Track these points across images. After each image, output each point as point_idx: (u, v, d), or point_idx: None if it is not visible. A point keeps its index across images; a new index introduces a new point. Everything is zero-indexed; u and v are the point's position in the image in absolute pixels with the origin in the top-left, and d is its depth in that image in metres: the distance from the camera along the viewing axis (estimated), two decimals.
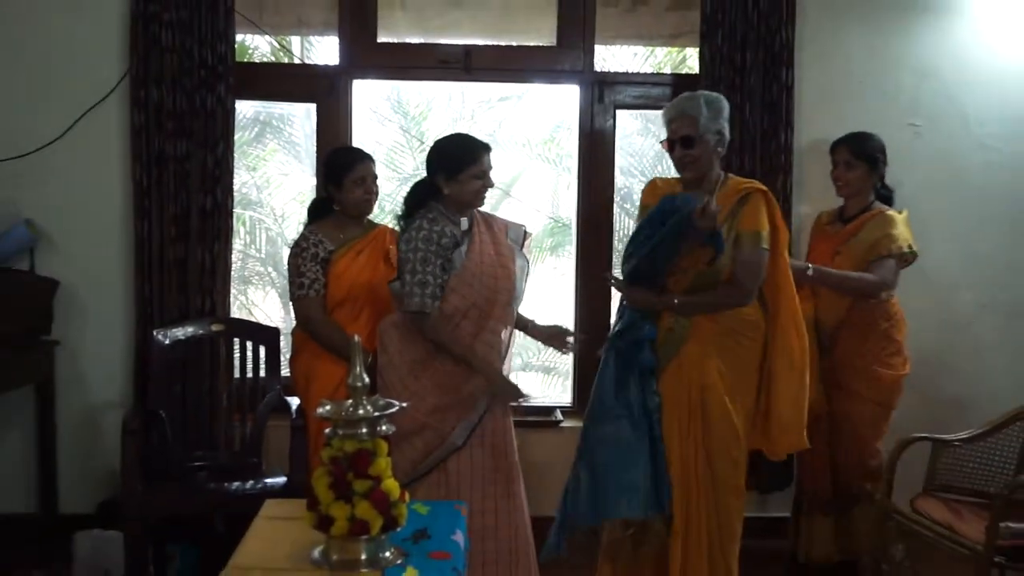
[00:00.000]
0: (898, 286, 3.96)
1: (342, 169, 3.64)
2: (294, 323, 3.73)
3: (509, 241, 3.48)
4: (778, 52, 4.24)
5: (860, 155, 3.90)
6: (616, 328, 3.37)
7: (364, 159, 3.71)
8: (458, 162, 3.33)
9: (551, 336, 3.59)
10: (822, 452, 3.89)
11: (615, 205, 4.67)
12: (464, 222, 3.41)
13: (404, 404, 2.55)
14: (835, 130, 4.10)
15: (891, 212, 3.90)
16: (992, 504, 3.33)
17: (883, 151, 3.95)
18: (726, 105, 3.36)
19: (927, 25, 4.40)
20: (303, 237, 3.66)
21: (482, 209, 3.52)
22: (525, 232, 3.58)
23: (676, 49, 5.68)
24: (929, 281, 4.45)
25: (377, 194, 3.75)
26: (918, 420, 4.03)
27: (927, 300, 4.47)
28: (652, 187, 3.53)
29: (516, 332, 3.56)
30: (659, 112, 4.33)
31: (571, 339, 3.59)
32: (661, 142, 3.40)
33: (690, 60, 5.69)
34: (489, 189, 3.42)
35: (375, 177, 3.73)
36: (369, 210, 3.75)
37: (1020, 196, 4.49)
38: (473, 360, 3.29)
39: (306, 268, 3.58)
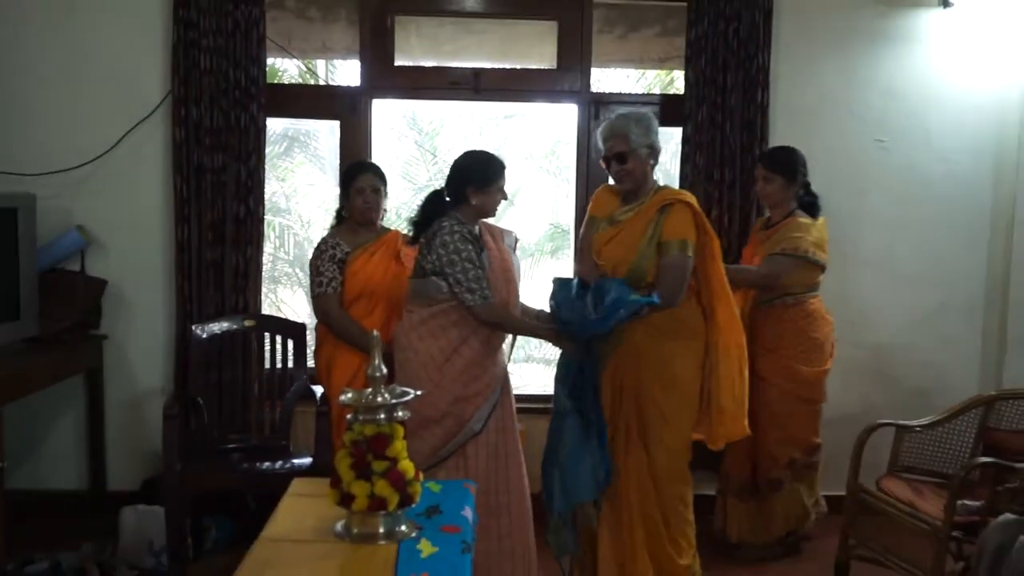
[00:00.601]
0: (866, 287, 3.98)
1: (347, 180, 3.74)
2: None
3: (505, 246, 3.48)
4: (755, 74, 4.24)
5: (774, 168, 3.91)
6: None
7: (366, 171, 3.74)
8: (489, 175, 3.31)
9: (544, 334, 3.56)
10: (744, 441, 3.70)
11: None
12: (476, 228, 3.38)
13: (419, 392, 2.56)
14: (807, 145, 4.09)
15: (804, 219, 3.90)
16: (950, 484, 3.34)
17: (802, 163, 3.94)
18: (654, 122, 3.37)
19: (893, 51, 4.40)
20: (323, 241, 3.72)
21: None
22: (516, 239, 3.58)
23: (665, 72, 5.68)
24: (895, 281, 4.47)
25: (378, 204, 3.72)
26: (884, 407, 4.04)
27: (893, 298, 4.48)
28: (596, 200, 3.52)
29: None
30: None
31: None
32: (599, 159, 3.42)
33: (677, 82, 5.70)
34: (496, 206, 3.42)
35: (376, 188, 3.71)
36: (369, 217, 3.72)
37: (976, 203, 4.50)
38: (529, 330, 3.40)
39: (324, 268, 3.63)
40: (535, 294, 3.81)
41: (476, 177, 3.30)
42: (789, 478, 3.94)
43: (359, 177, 3.69)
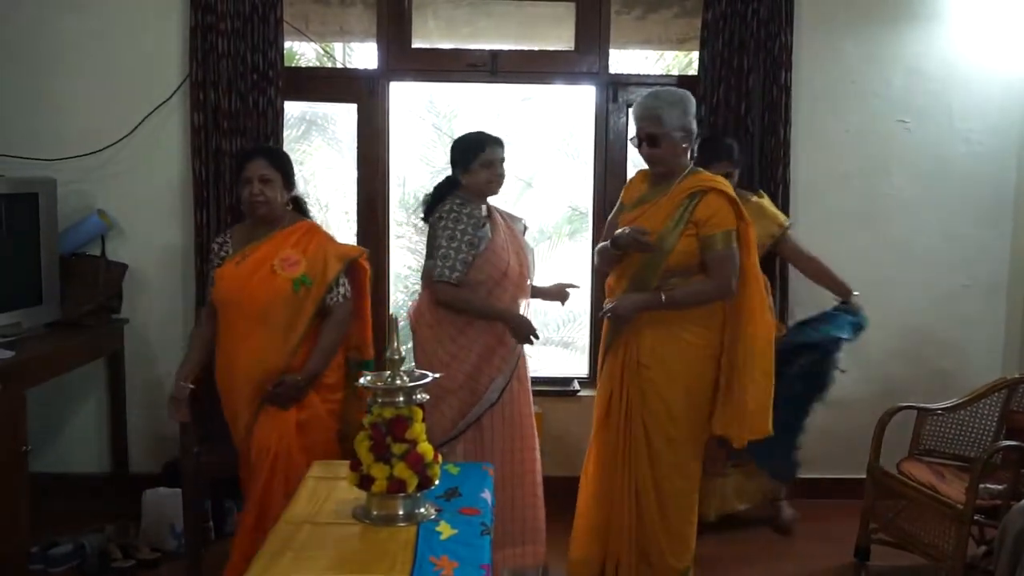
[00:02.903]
0: (889, 268, 3.97)
1: (236, 168, 3.44)
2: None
3: (516, 228, 3.60)
4: (778, 55, 4.19)
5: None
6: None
7: (253, 157, 3.33)
8: (467, 154, 3.44)
9: (557, 293, 3.68)
10: None
11: None
12: (484, 208, 3.49)
13: (438, 375, 2.58)
14: (829, 126, 4.07)
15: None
16: (972, 467, 3.32)
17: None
18: (691, 102, 3.24)
19: (915, 30, 4.34)
20: (214, 240, 3.49)
21: (491, 202, 3.57)
22: (524, 226, 3.69)
23: (683, 53, 5.63)
24: (917, 262, 4.44)
25: (269, 195, 3.26)
26: (906, 389, 4.01)
27: (915, 279, 4.45)
28: (628, 186, 3.44)
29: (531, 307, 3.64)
30: None
31: (570, 289, 3.71)
32: (631, 139, 3.31)
33: (696, 63, 5.65)
34: (502, 178, 3.48)
35: (266, 177, 3.27)
36: (256, 212, 3.29)
37: (999, 184, 4.45)
38: (491, 311, 3.37)
39: (210, 272, 3.39)
40: (553, 277, 3.82)
41: (458, 158, 3.48)
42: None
43: (246, 165, 3.29)
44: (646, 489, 3.26)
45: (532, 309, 3.56)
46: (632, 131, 3.30)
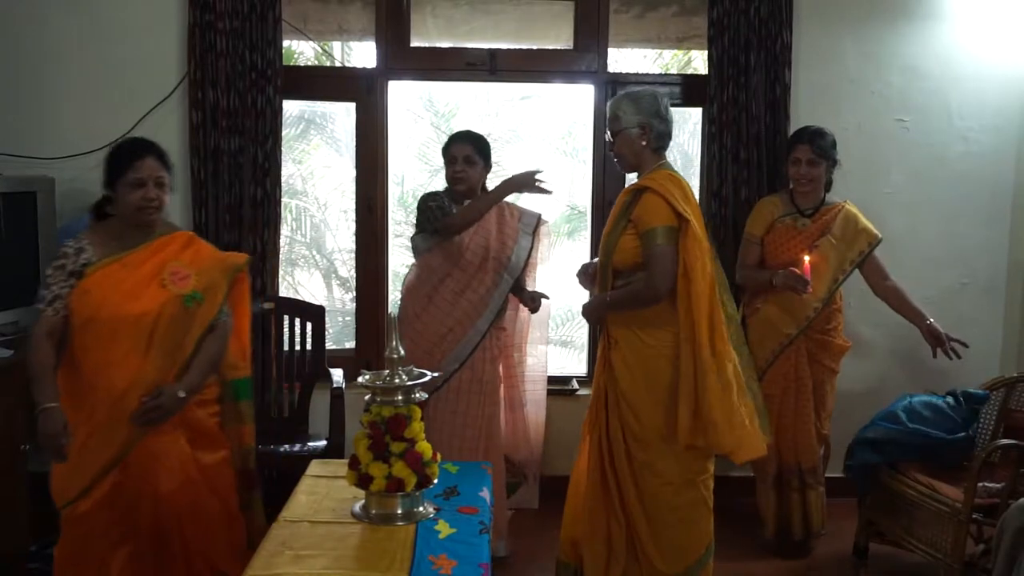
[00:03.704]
0: (886, 266, 3.97)
1: (118, 166, 2.88)
2: (336, 302, 3.74)
3: (519, 224, 3.77)
4: (779, 53, 4.20)
5: (823, 152, 3.81)
6: None
7: (144, 153, 2.89)
8: (443, 154, 3.75)
9: (531, 299, 3.78)
10: (797, 430, 3.90)
11: None
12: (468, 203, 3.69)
13: (435, 374, 2.58)
14: (828, 124, 4.05)
15: (851, 205, 3.92)
16: (971, 466, 3.32)
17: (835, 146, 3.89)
18: (650, 99, 3.14)
19: (914, 29, 4.35)
20: (65, 244, 2.86)
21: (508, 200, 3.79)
22: (539, 219, 3.84)
23: (682, 51, 5.63)
24: (915, 261, 4.44)
25: (162, 199, 2.89)
26: (905, 387, 4.00)
27: (914, 278, 4.44)
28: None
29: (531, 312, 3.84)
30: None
31: (544, 299, 3.80)
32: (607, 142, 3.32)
33: (695, 62, 5.65)
34: (463, 174, 3.66)
35: (160, 180, 2.88)
36: (148, 218, 2.87)
37: (997, 183, 4.47)
38: (485, 204, 3.62)
39: (53, 280, 2.77)
40: (552, 276, 3.83)
41: (442, 154, 3.77)
42: (828, 447, 4.02)
43: (136, 164, 2.83)
44: (627, 486, 3.17)
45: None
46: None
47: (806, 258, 3.72)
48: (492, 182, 3.76)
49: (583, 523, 3.26)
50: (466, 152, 3.67)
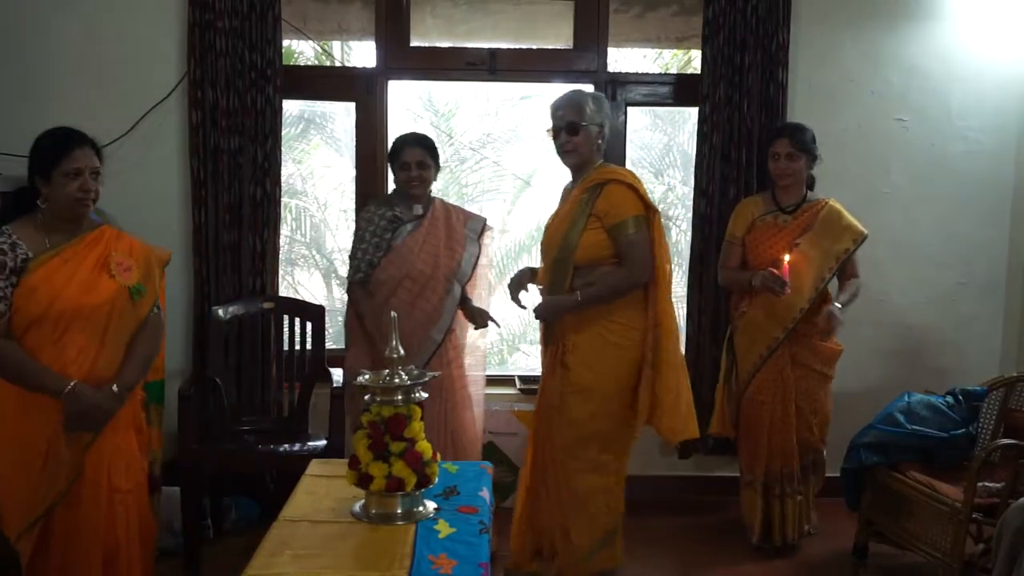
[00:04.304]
0: (886, 266, 3.97)
1: (52, 157, 2.74)
2: (336, 302, 3.74)
3: (466, 230, 3.76)
4: (775, 53, 4.20)
5: (803, 146, 3.74)
6: None
7: (77, 144, 2.74)
8: (390, 157, 3.74)
9: (475, 315, 3.77)
10: (783, 433, 3.81)
11: None
12: (418, 208, 3.71)
13: (436, 373, 2.59)
14: (826, 124, 4.07)
15: (835, 201, 3.82)
16: (970, 465, 3.32)
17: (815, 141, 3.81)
18: (607, 104, 3.34)
19: (913, 28, 4.35)
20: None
21: (448, 201, 3.87)
22: (484, 225, 3.84)
23: (682, 51, 5.63)
24: (915, 260, 4.45)
25: (96, 190, 2.74)
26: (904, 387, 3.99)
27: (913, 277, 4.46)
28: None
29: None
30: (668, 109, 4.33)
31: (491, 321, 3.79)
32: (547, 130, 3.32)
33: (695, 61, 5.62)
34: (418, 179, 3.65)
35: (96, 169, 2.75)
36: (82, 210, 2.74)
37: (996, 182, 4.46)
38: (372, 325, 3.59)
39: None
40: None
41: (388, 159, 3.77)
42: (821, 457, 3.93)
43: (71, 154, 2.69)
44: (557, 485, 3.29)
45: (532, 306, 3.63)
46: (549, 123, 3.32)
47: (785, 258, 3.65)
48: (491, 179, 3.75)
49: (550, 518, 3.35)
50: (419, 157, 3.66)
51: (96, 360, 2.65)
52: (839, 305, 3.72)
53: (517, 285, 3.43)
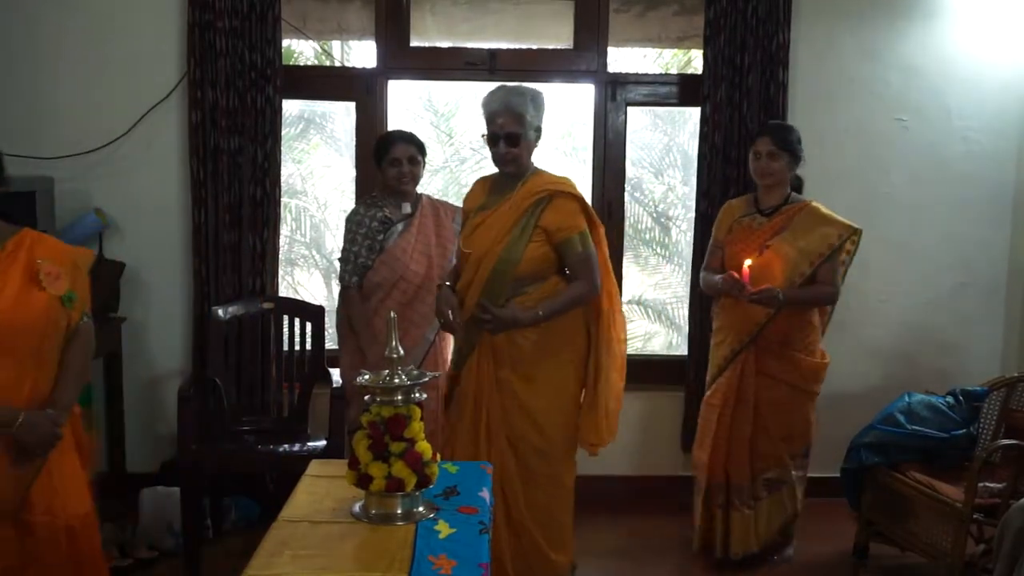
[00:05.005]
0: (887, 266, 3.95)
1: None
2: (335, 302, 3.72)
3: (454, 225, 3.72)
4: (775, 53, 4.19)
5: (784, 145, 3.57)
6: None
7: None
8: (378, 153, 3.71)
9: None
10: (743, 446, 3.66)
11: (626, 194, 4.64)
12: (407, 207, 3.68)
13: (436, 374, 2.58)
14: (826, 124, 4.07)
15: (819, 204, 3.63)
16: (971, 466, 3.32)
17: (800, 142, 3.64)
18: (543, 99, 3.18)
19: (913, 28, 4.34)
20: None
21: (434, 196, 3.85)
22: None
23: (682, 51, 5.61)
24: (915, 261, 4.45)
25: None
26: (905, 388, 4.00)
27: (914, 278, 4.45)
28: (469, 196, 3.40)
29: None
30: (668, 109, 4.32)
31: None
32: (482, 135, 3.17)
33: (695, 61, 5.62)
34: (408, 175, 3.65)
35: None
36: None
37: (997, 183, 4.46)
38: (359, 330, 3.58)
39: None
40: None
41: (374, 156, 3.74)
42: (790, 476, 3.71)
43: None
44: (517, 505, 3.19)
45: None
46: (484, 127, 3.18)
47: (747, 262, 3.46)
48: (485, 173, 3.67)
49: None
50: (410, 153, 3.67)
51: (36, 382, 2.40)
52: (783, 294, 3.45)
53: (452, 307, 3.17)
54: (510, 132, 3.09)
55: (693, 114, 4.33)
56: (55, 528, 2.42)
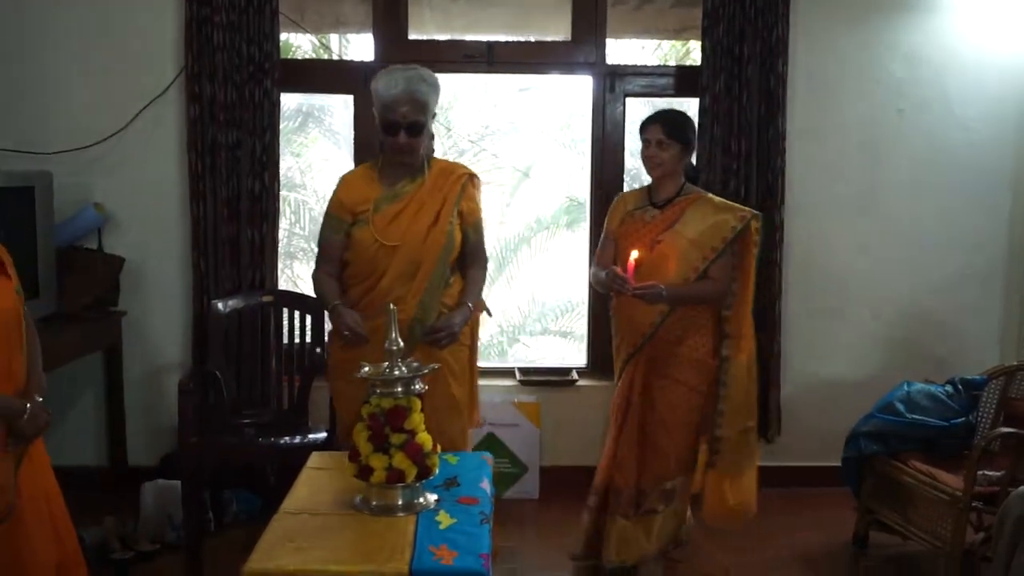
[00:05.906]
0: (886, 255, 3.95)
1: None
2: None
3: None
4: (774, 44, 4.19)
5: (674, 134, 3.29)
6: None
7: None
8: (383, 118, 3.41)
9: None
10: (634, 453, 3.37)
11: (625, 185, 4.63)
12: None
13: (436, 366, 2.58)
14: (826, 114, 4.06)
15: (713, 195, 3.41)
16: (970, 454, 3.32)
17: (695, 132, 3.41)
18: (438, 81, 3.08)
19: (912, 18, 4.34)
20: None
21: None
22: None
23: (680, 42, 5.63)
24: (914, 249, 4.45)
25: None
26: (904, 376, 4.01)
27: (913, 266, 4.46)
28: (347, 193, 3.23)
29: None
30: (667, 100, 4.29)
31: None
32: (379, 123, 3.03)
33: (693, 52, 5.64)
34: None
35: None
36: None
37: (996, 172, 4.46)
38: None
39: None
40: (551, 267, 3.82)
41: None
42: (682, 482, 3.42)
43: None
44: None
45: (531, 298, 3.57)
46: (377, 113, 3.04)
47: (633, 255, 3.15)
48: (490, 171, 3.73)
49: None
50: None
51: (18, 370, 2.40)
52: (666, 290, 3.17)
53: (356, 321, 3.06)
54: (413, 121, 2.97)
55: (692, 105, 4.32)
56: (36, 498, 2.44)
